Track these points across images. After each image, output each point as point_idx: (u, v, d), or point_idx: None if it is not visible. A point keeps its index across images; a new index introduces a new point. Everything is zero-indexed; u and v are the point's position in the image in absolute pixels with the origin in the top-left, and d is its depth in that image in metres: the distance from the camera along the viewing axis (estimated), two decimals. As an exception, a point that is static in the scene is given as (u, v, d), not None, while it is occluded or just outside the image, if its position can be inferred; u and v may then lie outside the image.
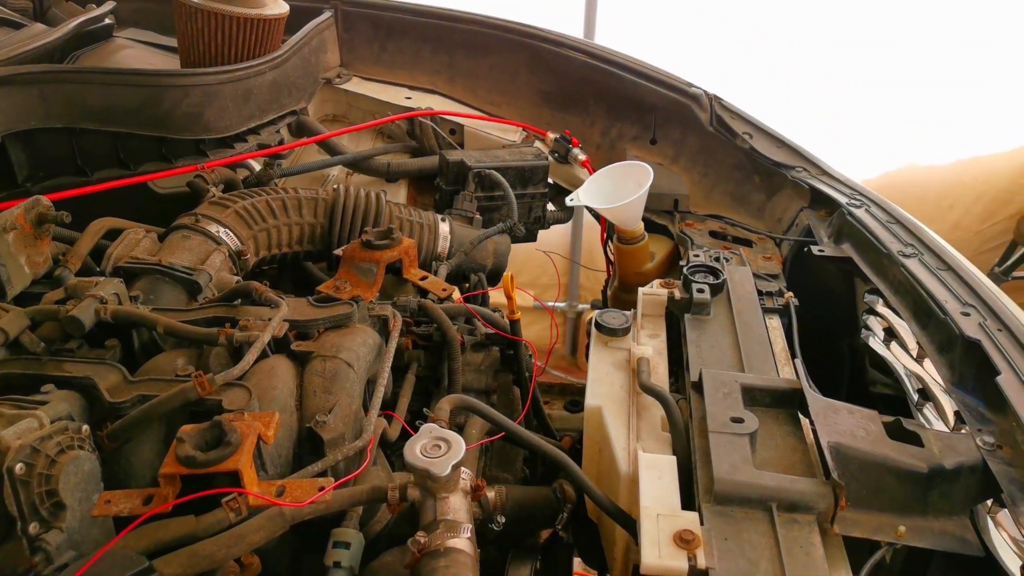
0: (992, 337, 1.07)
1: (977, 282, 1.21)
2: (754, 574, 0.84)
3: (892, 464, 0.96)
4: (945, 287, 1.22)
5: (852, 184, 1.65)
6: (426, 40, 2.07)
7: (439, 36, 2.06)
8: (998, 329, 1.09)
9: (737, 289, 1.40)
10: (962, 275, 1.24)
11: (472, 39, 2.04)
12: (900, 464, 0.96)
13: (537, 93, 2.03)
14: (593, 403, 1.14)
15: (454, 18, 2.05)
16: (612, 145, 1.98)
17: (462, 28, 2.04)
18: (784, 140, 1.81)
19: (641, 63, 1.93)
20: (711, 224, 1.81)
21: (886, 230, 1.42)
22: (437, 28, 2.06)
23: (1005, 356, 1.03)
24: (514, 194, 1.77)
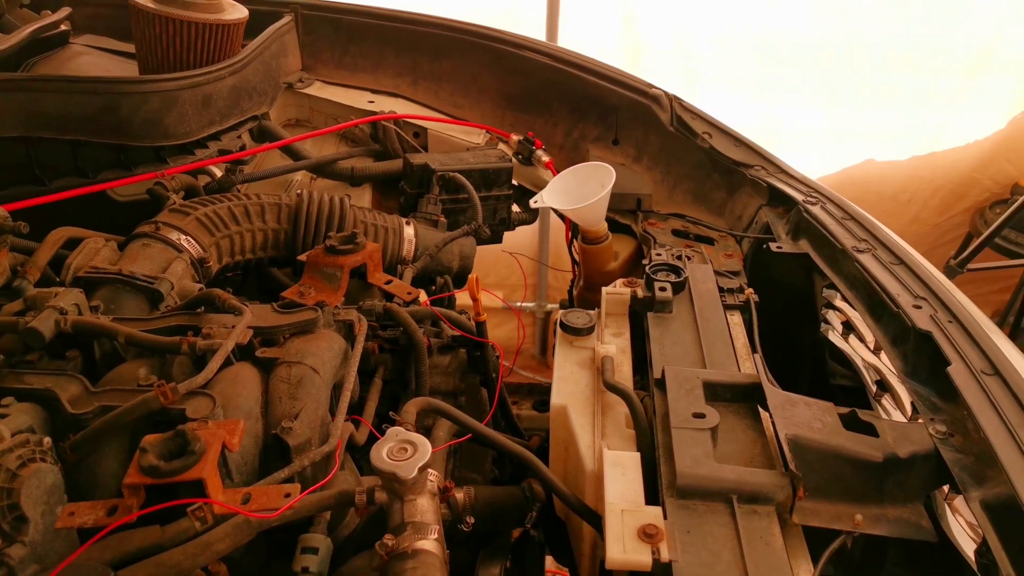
0: (943, 329, 1.11)
1: (929, 276, 1.25)
2: (716, 565, 0.86)
3: (848, 454, 0.99)
4: (898, 281, 1.25)
5: (808, 181, 1.69)
6: (388, 43, 2.07)
7: (401, 39, 2.07)
8: (948, 321, 1.13)
9: (698, 287, 1.43)
10: (914, 269, 1.27)
11: (434, 42, 2.05)
12: (856, 454, 0.99)
13: (500, 95, 2.04)
14: (558, 402, 1.16)
15: (416, 21, 2.05)
16: (575, 146, 2.00)
17: (424, 31, 2.05)
18: (742, 139, 1.84)
19: (602, 64, 1.95)
20: (674, 223, 1.84)
21: (840, 226, 1.46)
22: (399, 31, 2.06)
23: (955, 347, 1.07)
24: (479, 196, 1.79)
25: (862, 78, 3.24)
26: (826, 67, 3.23)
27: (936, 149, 3.42)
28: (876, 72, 3.22)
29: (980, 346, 1.06)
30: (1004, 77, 3.24)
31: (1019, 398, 0.96)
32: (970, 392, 0.99)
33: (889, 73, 3.22)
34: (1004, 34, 3.14)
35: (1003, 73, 3.22)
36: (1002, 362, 1.02)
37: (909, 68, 3.19)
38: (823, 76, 3.25)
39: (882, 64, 3.21)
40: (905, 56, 3.19)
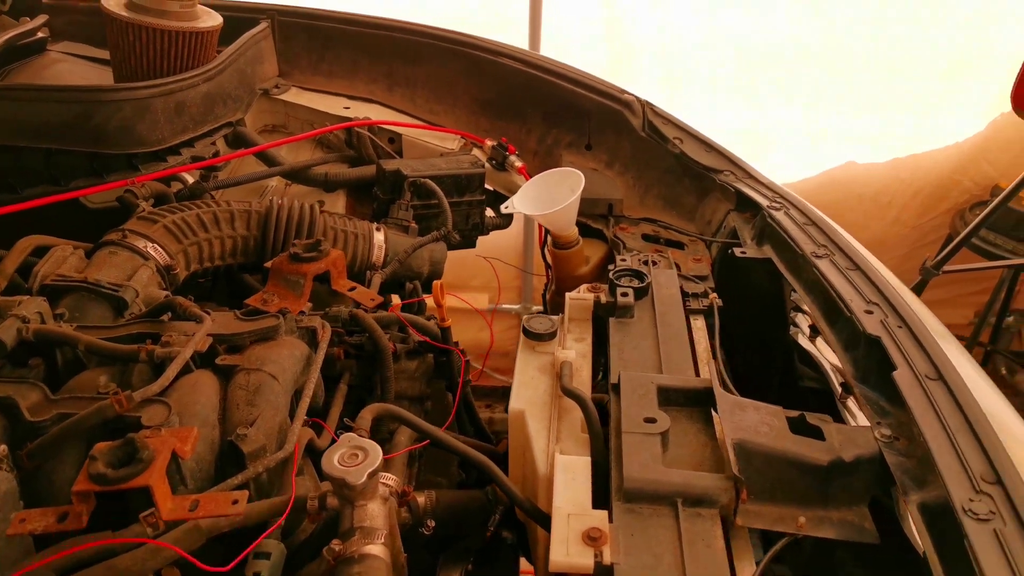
0: (892, 334, 1.13)
1: (883, 281, 1.27)
2: (657, 567, 0.88)
3: (793, 458, 1.01)
4: (852, 286, 1.27)
5: (774, 187, 1.71)
6: (364, 50, 2.09)
7: (377, 46, 2.08)
8: (898, 326, 1.15)
9: (661, 291, 1.44)
10: (869, 275, 1.29)
11: (410, 48, 2.07)
12: (801, 458, 1.01)
13: (475, 101, 2.06)
14: (516, 407, 1.17)
15: (392, 27, 2.07)
16: (549, 151, 2.02)
17: (400, 38, 2.07)
18: (712, 145, 1.86)
19: (575, 70, 1.97)
20: (644, 228, 1.86)
21: (802, 231, 1.48)
22: (375, 38, 2.08)
23: (902, 352, 1.09)
24: (451, 202, 1.80)
25: (842, 81, 3.27)
26: (806, 71, 3.26)
27: (916, 151, 3.45)
28: (856, 75, 3.25)
29: (927, 351, 1.08)
30: (982, 80, 3.26)
31: (960, 403, 0.98)
32: (913, 397, 1.01)
33: (868, 76, 3.25)
34: (981, 38, 3.16)
35: (981, 76, 3.25)
36: (946, 367, 1.04)
37: (888, 71, 3.22)
38: (804, 80, 3.28)
39: (861, 67, 3.24)
40: (884, 60, 3.21)
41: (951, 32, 3.07)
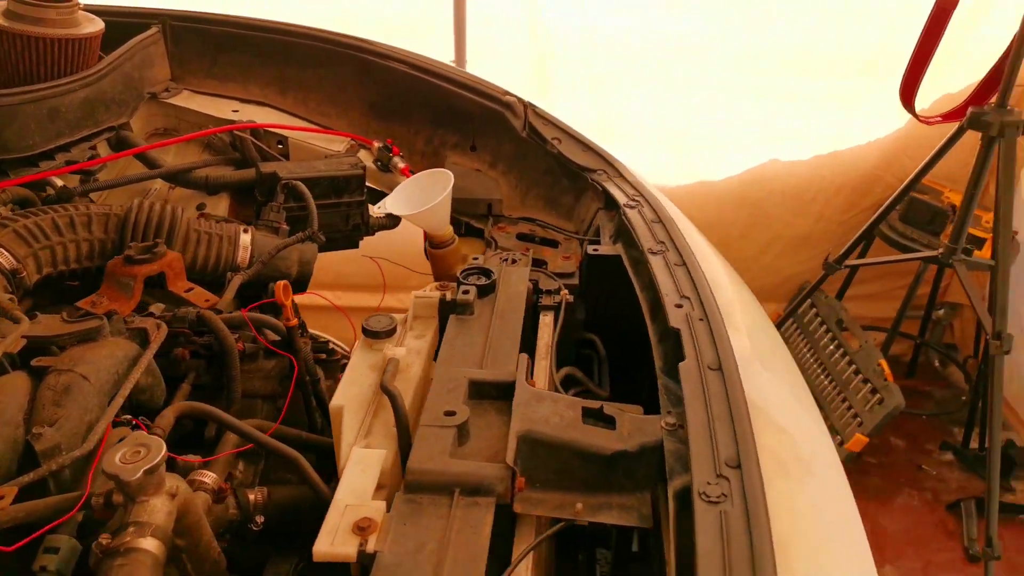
0: (691, 327, 1.17)
1: (701, 277, 1.31)
2: (418, 553, 0.91)
3: (578, 447, 1.05)
4: (674, 281, 1.32)
5: (638, 186, 1.75)
6: (257, 54, 2.12)
7: (270, 49, 2.11)
8: (700, 319, 1.19)
9: (509, 289, 1.48)
10: (692, 270, 1.34)
11: (302, 52, 2.10)
12: (586, 447, 1.05)
13: (365, 104, 2.09)
14: (336, 403, 1.21)
15: (284, 31, 2.10)
16: (435, 152, 2.05)
17: (292, 41, 2.10)
18: (590, 145, 1.90)
19: (460, 73, 2.01)
20: (522, 227, 1.90)
21: (648, 229, 1.52)
22: (268, 42, 2.11)
23: (695, 343, 1.13)
24: (329, 203, 1.84)
25: (761, 80, 3.32)
26: (725, 70, 3.31)
27: (837, 148, 3.51)
28: (775, 74, 3.31)
29: (716, 343, 1.12)
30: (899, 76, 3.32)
31: (728, 391, 1.02)
32: (690, 386, 1.05)
33: (788, 75, 3.31)
34: (898, 34, 3.22)
35: (898, 73, 3.30)
36: (728, 358, 1.08)
37: (806, 70, 3.27)
38: (723, 78, 3.33)
39: (781, 66, 3.29)
40: (803, 58, 3.27)
41: (867, 29, 3.12)
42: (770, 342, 1.26)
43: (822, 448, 1.00)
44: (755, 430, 0.95)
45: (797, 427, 1.00)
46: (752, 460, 0.89)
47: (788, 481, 0.89)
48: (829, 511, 0.92)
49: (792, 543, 0.82)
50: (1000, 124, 2.21)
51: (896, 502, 3.43)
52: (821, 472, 0.95)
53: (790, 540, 0.81)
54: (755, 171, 3.60)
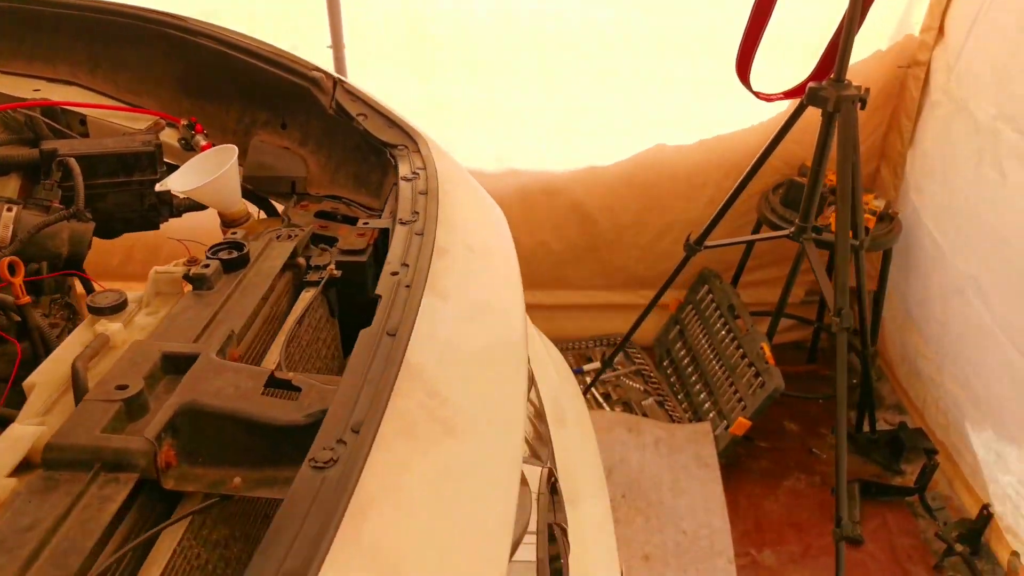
0: (394, 293, 1.13)
1: (429, 245, 1.27)
2: (29, 531, 0.85)
3: (244, 418, 1.00)
4: (404, 249, 1.28)
5: (428, 161, 1.70)
6: (66, 32, 2.04)
7: (79, 27, 2.03)
8: (406, 286, 1.15)
9: (263, 264, 1.43)
10: (425, 239, 1.30)
11: (113, 29, 2.02)
12: (254, 418, 1.00)
13: (176, 82, 2.03)
14: (29, 381, 1.15)
15: (93, 8, 2.02)
16: (247, 131, 1.99)
17: (102, 19, 2.02)
18: (396, 121, 1.85)
19: (270, 48, 1.95)
20: (327, 204, 1.84)
21: (411, 201, 1.48)
22: (77, 19, 2.03)
23: (387, 310, 1.09)
24: (119, 181, 1.78)
25: (641, 64, 3.30)
26: (606, 55, 3.28)
27: (722, 132, 3.50)
28: (654, 59, 3.28)
29: (405, 309, 1.08)
30: (781, 61, 3.32)
31: (391, 356, 0.98)
32: (360, 351, 1.01)
33: (666, 60, 3.29)
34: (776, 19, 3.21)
35: (778, 57, 3.30)
36: (407, 323, 1.04)
37: (685, 55, 3.25)
38: (604, 63, 3.31)
39: (658, 52, 3.27)
40: (683, 43, 3.25)
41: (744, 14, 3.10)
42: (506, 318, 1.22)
43: (482, 412, 0.96)
44: (403, 393, 0.91)
45: (458, 390, 0.96)
46: (374, 424, 0.85)
47: (416, 442, 0.85)
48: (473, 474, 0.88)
49: (389, 505, 0.77)
50: (836, 99, 2.20)
51: (784, 485, 3.43)
52: (474, 434, 0.91)
53: (385, 501, 0.77)
54: (643, 156, 3.58)
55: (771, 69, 2.94)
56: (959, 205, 2.86)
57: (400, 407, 0.88)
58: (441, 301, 1.09)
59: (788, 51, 3.08)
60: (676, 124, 3.49)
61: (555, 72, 3.32)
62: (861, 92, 2.19)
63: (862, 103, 2.20)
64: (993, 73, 2.68)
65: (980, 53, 2.79)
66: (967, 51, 2.88)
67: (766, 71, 2.95)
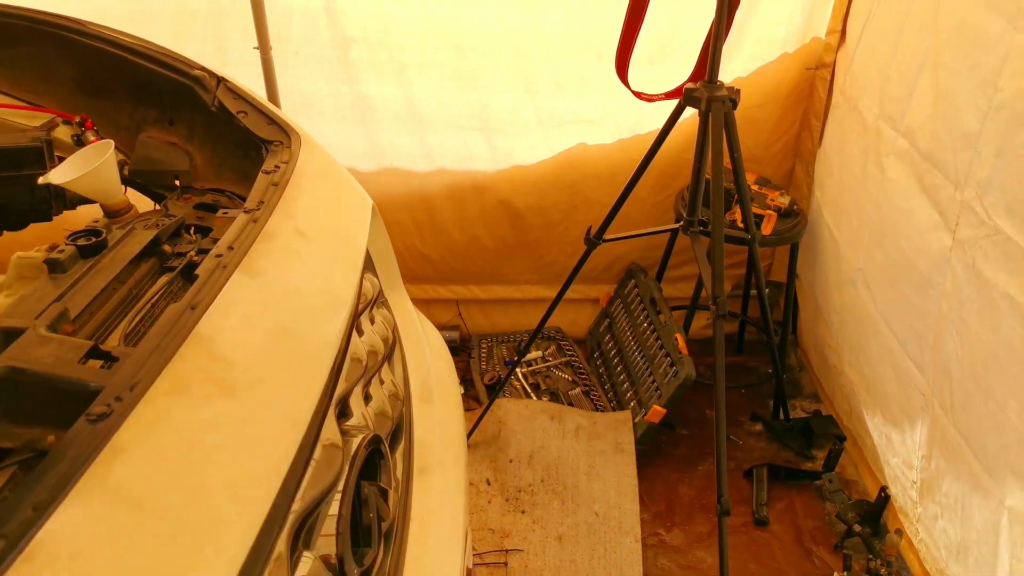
0: (211, 275, 1.24)
1: (258, 230, 1.38)
2: None
3: (52, 381, 1.10)
4: (238, 235, 1.38)
5: (293, 155, 1.81)
6: (-39, 33, 2.14)
7: (-27, 28, 2.14)
8: (223, 267, 1.26)
9: (121, 251, 1.54)
10: (259, 225, 1.41)
11: (10, 32, 2.12)
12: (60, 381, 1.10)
13: (73, 81, 2.12)
14: None
15: (-7, 11, 2.12)
16: (138, 127, 2.09)
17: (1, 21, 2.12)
18: (274, 119, 1.96)
19: (154, 48, 2.05)
20: (209, 197, 1.95)
21: (263, 191, 1.59)
22: (-31, 20, 2.13)
23: (198, 289, 1.20)
24: (7, 175, 1.87)
25: (555, 67, 3.42)
26: (519, 57, 3.40)
27: (639, 132, 3.63)
28: (568, 61, 3.40)
29: (209, 286, 1.19)
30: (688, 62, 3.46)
31: (179, 327, 1.09)
32: (160, 324, 1.11)
33: (580, 62, 3.41)
34: (682, 21, 3.35)
35: (686, 58, 3.43)
36: (205, 299, 1.15)
37: (597, 57, 3.37)
38: (519, 65, 3.42)
39: (572, 53, 3.39)
40: (592, 46, 3.37)
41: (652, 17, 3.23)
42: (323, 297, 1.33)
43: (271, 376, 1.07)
44: (185, 357, 1.02)
45: (247, 357, 1.07)
46: (149, 384, 0.96)
47: (186, 399, 0.96)
48: (243, 431, 0.99)
49: (143, 452, 0.88)
50: (708, 99, 2.32)
51: (699, 470, 3.56)
52: (253, 395, 1.02)
53: (139, 448, 0.88)
54: (565, 155, 3.70)
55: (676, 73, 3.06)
56: (849, 201, 3.00)
57: (179, 369, 0.98)
58: (250, 279, 1.20)
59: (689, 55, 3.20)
60: (595, 124, 3.61)
61: (475, 74, 3.43)
62: (732, 93, 2.32)
63: (733, 103, 2.33)
64: (877, 73, 2.82)
65: (868, 54, 2.93)
66: (859, 53, 3.02)
67: (669, 74, 3.08)
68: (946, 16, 2.25)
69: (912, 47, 2.48)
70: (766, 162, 3.81)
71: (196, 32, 3.37)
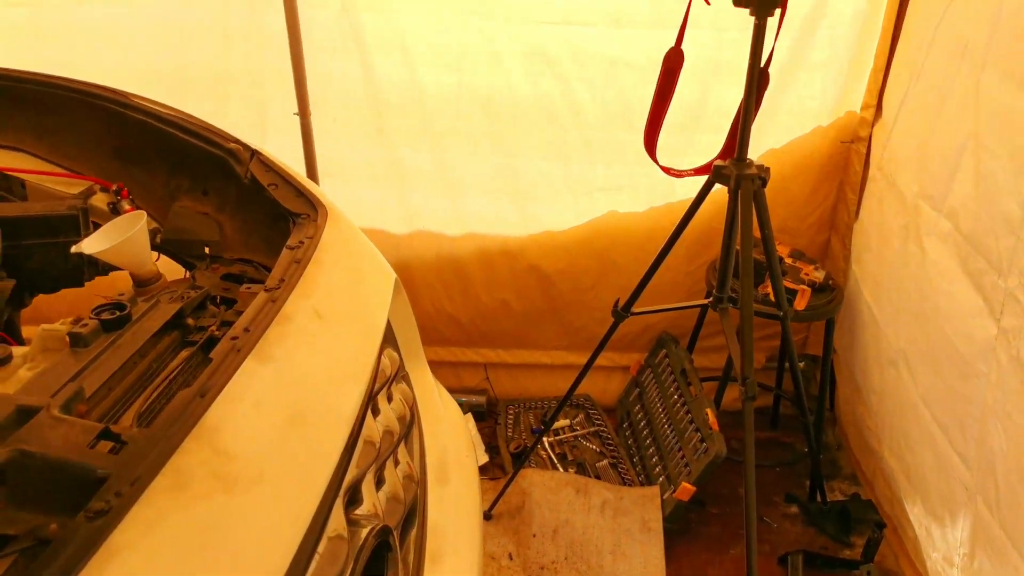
0: (225, 359, 1.23)
1: (275, 312, 1.37)
2: None
3: (59, 466, 1.09)
4: (255, 316, 1.38)
5: (319, 228, 1.81)
6: (14, 101, 2.22)
7: (25, 97, 2.22)
8: (238, 351, 1.24)
9: (143, 324, 1.54)
10: (277, 306, 1.40)
11: (55, 100, 2.20)
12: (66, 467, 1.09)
13: (111, 150, 2.18)
14: None
15: (37, 81, 2.20)
16: (172, 195, 2.13)
17: (45, 91, 2.20)
18: (304, 191, 1.98)
19: (192, 121, 2.11)
20: (236, 267, 1.97)
21: (284, 268, 1.59)
22: (23, 91, 2.21)
23: (211, 374, 1.18)
24: (44, 242, 1.91)
25: (586, 135, 3.43)
26: (551, 125, 3.43)
27: (671, 201, 3.60)
28: (599, 128, 3.42)
29: (221, 373, 1.17)
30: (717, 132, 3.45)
31: (190, 415, 1.07)
32: (169, 410, 1.10)
33: (611, 130, 3.42)
34: (710, 92, 3.35)
35: (712, 128, 3.43)
36: (214, 387, 1.13)
37: (628, 125, 3.38)
38: (551, 133, 3.45)
39: (603, 121, 3.41)
40: (623, 114, 3.39)
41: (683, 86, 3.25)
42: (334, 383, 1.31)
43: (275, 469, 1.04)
44: (188, 450, 1.00)
45: (251, 449, 1.05)
46: (149, 479, 0.94)
47: (185, 496, 0.93)
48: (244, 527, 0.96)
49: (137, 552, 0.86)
50: (737, 177, 2.30)
51: (730, 553, 3.41)
52: (257, 490, 1.00)
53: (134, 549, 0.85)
54: (596, 222, 3.69)
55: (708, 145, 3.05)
56: (889, 278, 2.92)
57: (181, 463, 0.96)
58: (262, 365, 1.18)
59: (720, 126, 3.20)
60: (627, 191, 3.60)
61: (506, 139, 3.46)
62: (762, 172, 2.29)
63: (763, 182, 2.30)
64: (916, 151, 2.77)
65: (905, 131, 2.89)
66: (897, 129, 2.98)
67: (700, 145, 3.06)
68: (986, 99, 2.20)
69: (952, 127, 2.43)
70: (800, 234, 3.75)
71: (236, 95, 3.47)
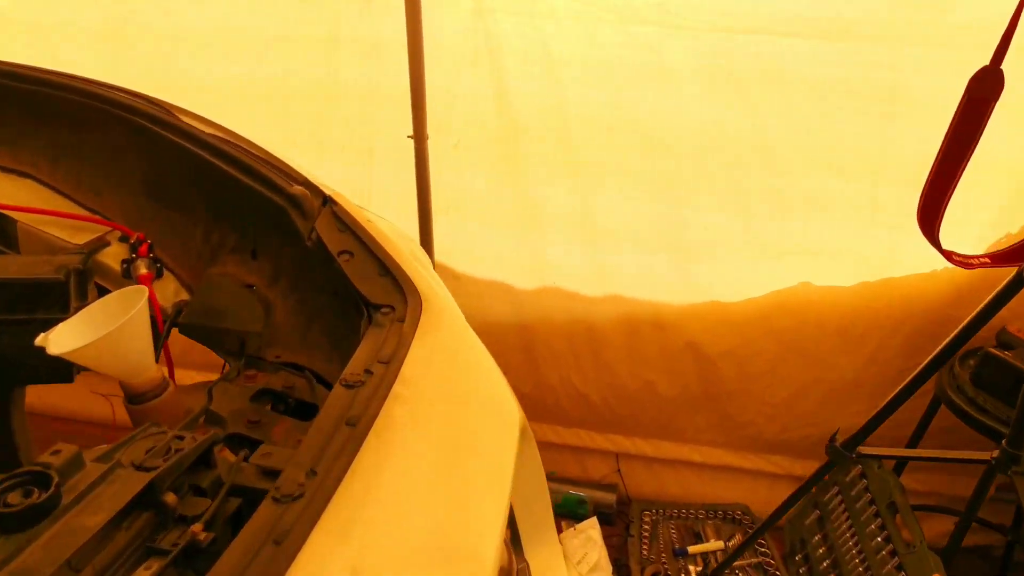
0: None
1: None
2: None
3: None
4: None
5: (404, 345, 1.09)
6: (29, 111, 1.64)
7: (43, 106, 1.63)
8: None
9: (78, 518, 0.85)
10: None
11: (77, 111, 1.60)
12: None
13: (141, 181, 1.56)
14: None
15: (58, 85, 1.61)
16: (214, 254, 1.48)
17: (68, 98, 1.60)
18: (391, 267, 1.27)
19: (250, 151, 1.44)
20: (279, 378, 1.27)
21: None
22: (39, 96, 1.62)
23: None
24: (16, 319, 1.29)
25: (777, 182, 2.58)
26: (732, 166, 2.60)
27: (890, 274, 2.68)
28: (795, 175, 2.56)
29: None
30: (979, 189, 2.49)
31: None
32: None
33: (813, 177, 2.55)
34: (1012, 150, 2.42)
35: (976, 184, 2.48)
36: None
37: (837, 172, 2.51)
38: (731, 176, 2.62)
39: (802, 166, 2.54)
40: (830, 158, 2.52)
41: (922, 121, 2.36)
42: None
43: None
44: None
45: None
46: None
47: None
48: None
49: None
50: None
51: None
52: None
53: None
54: (783, 294, 2.82)
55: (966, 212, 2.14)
56: None
57: None
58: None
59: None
60: (828, 258, 2.71)
61: (670, 181, 2.67)
62: None
63: None
64: None
65: None
66: None
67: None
68: None
69: None
70: (1073, 329, 2.72)
71: (342, 111, 2.87)
